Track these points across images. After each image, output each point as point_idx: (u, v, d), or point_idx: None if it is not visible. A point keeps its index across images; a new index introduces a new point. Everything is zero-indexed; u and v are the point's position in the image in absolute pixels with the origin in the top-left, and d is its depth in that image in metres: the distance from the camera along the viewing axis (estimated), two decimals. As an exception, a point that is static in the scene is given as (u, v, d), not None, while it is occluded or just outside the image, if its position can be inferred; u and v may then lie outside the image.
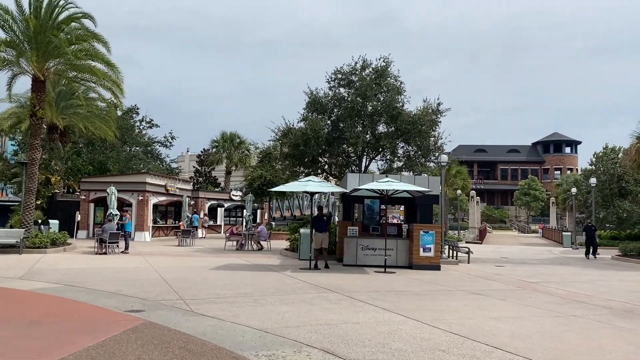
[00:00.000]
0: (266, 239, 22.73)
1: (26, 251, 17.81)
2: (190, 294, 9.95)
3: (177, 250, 22.24)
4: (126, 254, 19.10)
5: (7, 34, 19.65)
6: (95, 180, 31.13)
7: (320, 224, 15.28)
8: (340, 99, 21.92)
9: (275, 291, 10.65)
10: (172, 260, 17.29)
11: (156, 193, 31.03)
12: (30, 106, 20.79)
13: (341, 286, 11.51)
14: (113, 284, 11.05)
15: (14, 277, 11.89)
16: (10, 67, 20.41)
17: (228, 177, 50.69)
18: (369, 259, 16.23)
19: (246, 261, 17.28)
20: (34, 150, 20.69)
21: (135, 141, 44.44)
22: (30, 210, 20.22)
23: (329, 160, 22.90)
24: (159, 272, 13.55)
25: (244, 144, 49.86)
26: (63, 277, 12.11)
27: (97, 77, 21.17)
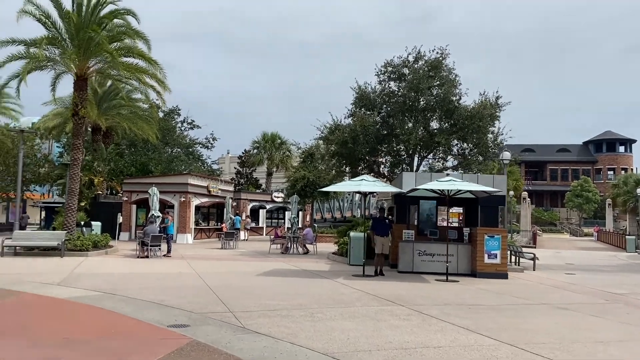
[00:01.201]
0: (312, 242, 21.66)
1: (68, 254, 17.28)
2: (239, 305, 8.93)
3: (221, 253, 21.42)
4: (168, 257, 18.36)
5: (49, 31, 19.26)
6: (137, 181, 30.80)
7: (381, 227, 14.10)
8: (390, 94, 20.63)
9: (332, 302, 9.51)
10: (217, 264, 16.42)
11: (198, 194, 30.45)
12: (72, 105, 20.37)
13: (404, 297, 10.27)
14: (155, 293, 10.15)
15: (52, 282, 11.18)
16: (53, 66, 20.03)
17: (269, 179, 50.03)
18: (427, 266, 14.90)
19: (293, 266, 16.23)
20: (76, 151, 20.25)
21: (176, 142, 44.24)
22: (72, 212, 19.77)
23: (378, 158, 21.63)
24: (203, 278, 12.64)
25: (285, 144, 49.09)
26: (103, 283, 11.32)
27: (139, 74, 20.57)
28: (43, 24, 19.28)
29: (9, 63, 18.82)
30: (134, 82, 21.88)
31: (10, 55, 18.67)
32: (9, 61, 18.71)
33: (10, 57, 18.68)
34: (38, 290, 10.10)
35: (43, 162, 38.60)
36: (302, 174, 32.19)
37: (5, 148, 32.33)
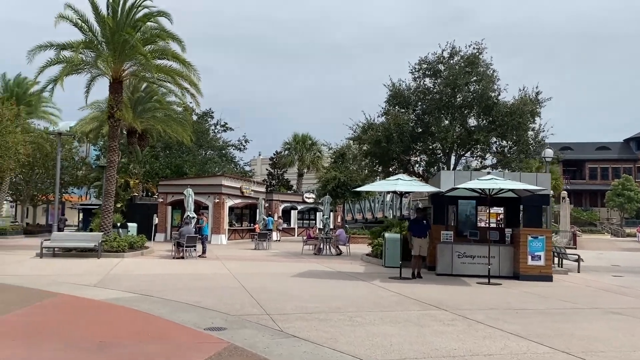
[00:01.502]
0: (345, 243, 21.36)
1: (105, 255, 17.45)
2: (275, 308, 8.71)
3: (254, 254, 21.34)
4: (203, 258, 18.36)
5: (85, 35, 19.52)
6: (172, 183, 31.09)
7: (419, 228, 13.69)
8: (425, 91, 20.15)
9: (371, 306, 9.20)
10: (251, 265, 16.30)
11: (232, 195, 30.54)
12: (108, 108, 20.63)
13: (445, 301, 9.87)
14: (191, 294, 10.03)
15: (88, 284, 11.20)
16: (89, 70, 20.30)
17: (300, 179, 49.98)
18: (467, 268, 14.40)
19: (327, 268, 15.97)
20: (112, 153, 20.49)
21: (210, 145, 44.58)
22: (108, 214, 20.00)
23: (412, 157, 21.15)
24: (238, 279, 12.49)
25: (316, 145, 48.94)
26: (139, 284, 11.29)
27: (173, 76, 20.69)
28: (79, 28, 19.58)
29: (48, 68, 19.17)
30: (168, 84, 22.07)
31: (49, 59, 19.01)
32: (48, 66, 19.05)
33: (49, 62, 19.02)
34: (75, 291, 10.11)
35: (81, 165, 39.44)
36: (333, 174, 31.91)
37: (44, 151, 33.11)
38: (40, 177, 36.07)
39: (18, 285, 10.65)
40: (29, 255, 17.60)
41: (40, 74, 19.22)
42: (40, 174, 35.89)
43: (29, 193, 36.59)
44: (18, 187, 36.16)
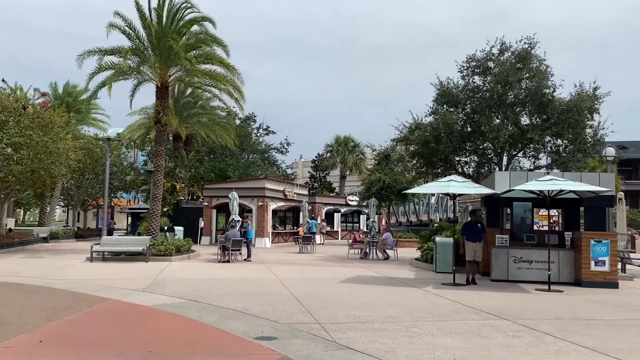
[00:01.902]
0: (392, 247, 20.79)
1: (152, 259, 17.55)
2: (326, 316, 8.35)
3: (299, 258, 21.07)
4: (248, 261, 18.22)
5: (132, 42, 19.79)
6: (216, 186, 31.29)
7: (473, 232, 13.07)
8: (475, 89, 19.42)
9: (427, 315, 8.70)
10: (297, 270, 16.00)
11: (275, 198, 30.46)
12: (155, 113, 20.82)
13: (506, 310, 9.26)
14: (239, 300, 9.79)
15: (137, 289, 11.15)
16: (136, 75, 20.57)
17: (343, 182, 49.56)
18: (524, 274, 13.65)
19: (376, 273, 15.49)
20: (159, 157, 20.67)
21: (252, 148, 44.85)
22: (156, 218, 20.16)
23: (462, 158, 20.44)
24: (285, 284, 12.21)
25: (358, 147, 48.42)
26: (186, 289, 11.16)
27: (218, 81, 20.71)
28: (127, 35, 19.88)
29: (97, 74, 19.53)
30: (213, 89, 22.13)
31: (98, 66, 19.35)
32: (98, 72, 19.40)
33: (98, 68, 19.35)
34: (124, 297, 10.04)
35: (129, 170, 40.30)
36: (377, 176, 31.35)
37: (94, 157, 33.97)
38: (90, 182, 37.04)
39: (69, 290, 10.69)
40: (80, 260, 17.89)
41: (90, 81, 19.59)
42: (90, 179, 36.85)
43: (80, 198, 37.63)
44: (69, 192, 37.25)
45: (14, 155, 20.01)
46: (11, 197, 25.85)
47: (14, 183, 21.52)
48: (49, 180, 23.80)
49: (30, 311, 8.18)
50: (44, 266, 15.65)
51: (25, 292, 10.29)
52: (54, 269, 14.81)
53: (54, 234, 30.01)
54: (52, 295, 9.94)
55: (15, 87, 21.68)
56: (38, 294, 9.97)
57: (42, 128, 21.17)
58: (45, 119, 21.41)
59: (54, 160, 21.89)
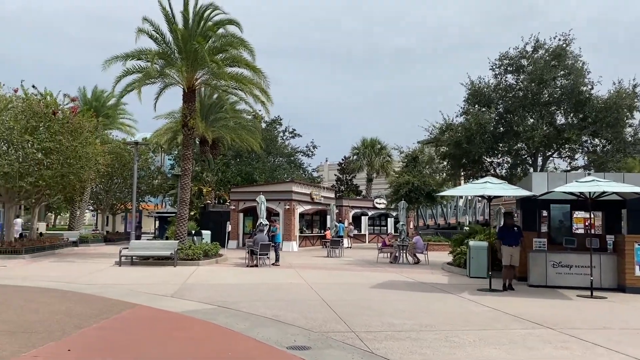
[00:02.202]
0: (423, 251, 20.30)
1: (180, 263, 17.46)
2: (360, 324, 8.02)
3: (328, 262, 20.75)
4: (277, 266, 17.98)
5: (159, 45, 19.81)
6: (243, 190, 31.22)
7: (510, 235, 12.56)
8: (507, 88, 18.82)
9: (465, 323, 8.29)
10: (326, 274, 15.68)
11: (302, 202, 30.22)
12: (182, 117, 20.81)
13: (549, 318, 8.78)
14: (269, 306, 9.53)
15: (165, 294, 10.99)
16: (163, 79, 20.58)
17: (369, 185, 49.09)
18: (563, 279, 13.06)
19: (408, 278, 15.07)
20: (186, 161, 20.63)
21: (278, 151, 44.77)
22: (183, 221, 20.11)
23: (494, 159, 19.83)
24: (316, 290, 11.90)
25: (385, 149, 47.93)
26: (215, 294, 10.96)
27: (244, 84, 20.58)
28: (154, 40, 19.91)
29: (124, 78, 19.62)
30: (239, 93, 21.98)
31: (125, 70, 19.43)
32: (124, 76, 19.48)
33: (125, 72, 19.44)
34: (153, 302, 9.88)
35: (156, 174, 40.61)
36: (406, 178, 30.79)
37: (122, 161, 34.30)
38: (118, 187, 37.45)
39: (98, 295, 10.60)
40: (109, 264, 17.92)
41: (117, 85, 19.70)
42: (118, 184, 37.25)
43: (109, 202, 38.07)
44: (98, 196, 37.70)
45: (44, 160, 20.22)
46: (42, 202, 26.21)
47: (44, 188, 21.77)
48: (79, 185, 24.02)
49: (59, 318, 8.06)
50: (74, 270, 15.68)
51: (54, 297, 10.22)
52: (83, 274, 14.81)
53: (83, 237, 30.35)
54: (81, 300, 9.84)
55: (45, 92, 21.94)
56: (67, 300, 9.88)
57: (72, 133, 21.37)
58: (74, 124, 21.61)
59: (83, 165, 22.07)
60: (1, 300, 9.59)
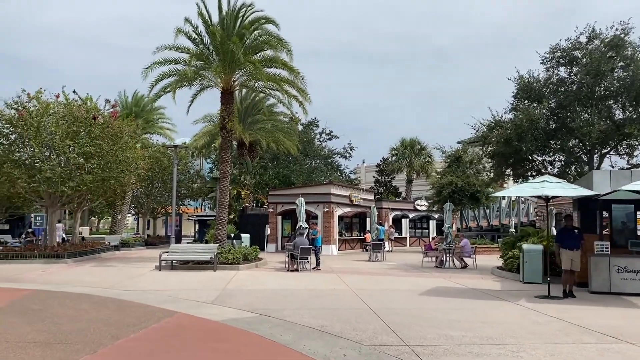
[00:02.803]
0: (470, 255, 19.36)
1: (220, 267, 17.13)
2: (414, 336, 7.37)
3: (370, 266, 20.06)
4: (318, 270, 17.43)
5: (197, 46, 19.61)
6: (282, 192, 30.86)
7: (570, 238, 11.65)
8: (559, 82, 17.73)
9: (530, 336, 7.53)
10: (370, 280, 15.02)
11: (341, 204, 29.62)
12: (220, 119, 20.55)
13: (623, 330, 7.91)
14: (313, 315, 8.97)
15: (206, 301, 10.57)
16: (200, 81, 20.38)
17: (409, 186, 47.99)
18: (629, 285, 12.03)
19: (457, 284, 14.25)
20: (224, 164, 20.35)
21: (315, 154, 44.31)
22: (223, 225, 19.81)
23: (546, 157, 18.72)
24: (361, 297, 11.28)
25: (425, 150, 46.75)
26: (256, 301, 10.48)
27: (282, 85, 20.17)
28: (192, 41, 19.71)
29: (161, 81, 19.51)
30: (277, 93, 21.58)
31: (162, 73, 19.31)
32: (161, 79, 19.38)
33: (162, 75, 19.32)
34: (193, 309, 9.46)
35: (196, 177, 40.82)
36: (449, 179, 29.83)
37: (162, 165, 34.52)
38: (159, 191, 37.75)
39: (137, 301, 10.27)
40: (149, 268, 17.76)
41: (154, 87, 19.60)
42: (159, 188, 37.55)
43: (149, 206, 38.41)
44: (139, 200, 38.09)
45: (85, 164, 20.30)
46: (84, 206, 26.49)
47: (85, 192, 21.89)
48: (119, 189, 24.13)
49: (97, 327, 7.71)
50: (114, 275, 15.54)
51: (93, 303, 9.94)
52: (123, 279, 14.62)
53: (124, 241, 30.59)
54: (119, 308, 9.51)
55: (86, 97, 22.09)
56: (106, 307, 9.58)
57: (112, 137, 21.43)
58: (114, 129, 21.66)
59: (124, 169, 22.10)
60: (40, 308, 9.37)
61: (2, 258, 19.58)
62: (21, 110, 19.86)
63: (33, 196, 21.46)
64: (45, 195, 21.14)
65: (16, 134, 20.22)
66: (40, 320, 8.15)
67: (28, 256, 19.61)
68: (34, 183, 19.80)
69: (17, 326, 7.71)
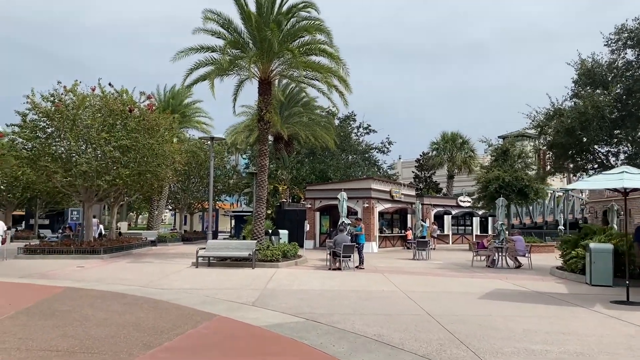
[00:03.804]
0: (525, 253, 17.97)
1: (258, 265, 16.32)
2: (488, 349, 6.32)
3: (416, 265, 18.90)
4: (361, 269, 16.41)
5: (231, 34, 18.82)
6: (319, 188, 29.97)
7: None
8: (626, 66, 16.16)
9: (625, 350, 6.40)
10: (420, 280, 13.89)
11: (381, 199, 28.50)
12: (257, 110, 19.76)
13: None
14: (366, 321, 7.99)
15: (246, 302, 9.72)
16: (237, 71, 19.58)
17: (450, 182, 46.40)
18: None
19: (517, 286, 13.00)
20: (262, 157, 19.54)
21: (352, 148, 43.16)
22: (260, 220, 19.01)
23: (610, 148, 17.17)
24: (414, 300, 10.22)
25: (467, 144, 45.08)
26: (301, 304, 9.56)
27: (322, 73, 19.17)
28: (226, 28, 18.93)
29: (195, 70, 18.81)
30: (316, 83, 20.59)
31: (197, 62, 18.61)
32: (197, 68, 18.68)
33: (197, 64, 18.62)
34: (233, 312, 8.61)
35: (232, 173, 40.36)
36: (496, 173, 28.23)
37: (199, 160, 34.10)
38: (195, 186, 37.42)
39: (172, 302, 9.50)
40: (185, 265, 17.11)
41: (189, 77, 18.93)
42: (195, 183, 37.21)
43: (186, 201, 38.13)
44: (176, 195, 37.85)
45: (121, 158, 19.82)
46: (120, 201, 26.18)
47: (122, 186, 21.46)
48: (156, 184, 23.65)
49: (127, 332, 6.91)
50: (150, 273, 14.90)
51: (127, 304, 9.21)
52: (159, 276, 13.95)
53: (161, 237, 30.27)
54: (154, 309, 8.74)
55: (122, 90, 21.60)
56: (139, 308, 8.82)
57: (148, 130, 20.90)
58: (150, 121, 21.13)
59: (160, 163, 21.57)
60: (69, 308, 8.68)
61: (38, 253, 19.32)
62: (57, 103, 19.50)
63: (69, 190, 21.14)
64: (82, 190, 20.80)
65: (52, 127, 19.88)
66: (67, 324, 7.42)
67: (64, 251, 19.27)
68: (70, 177, 19.44)
69: (41, 330, 6.99)
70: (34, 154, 19.40)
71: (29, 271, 14.78)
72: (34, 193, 33.94)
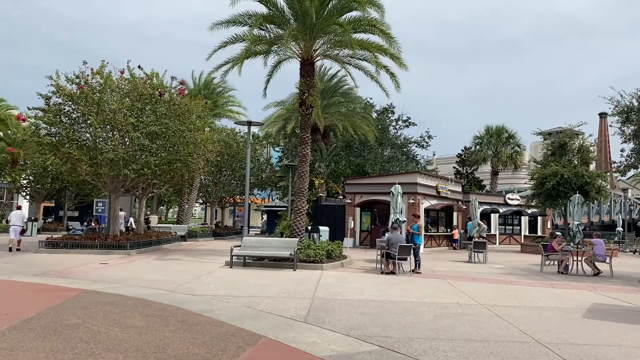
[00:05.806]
0: (605, 259, 15.59)
1: (300, 266, 14.41)
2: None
3: (476, 269, 16.64)
4: (418, 274, 14.33)
5: (269, 9, 16.92)
6: (360, 182, 27.94)
7: None
8: None
9: None
10: (495, 290, 11.69)
11: (427, 195, 26.30)
12: (299, 93, 17.86)
13: None
14: (460, 351, 6.01)
15: (295, 316, 7.81)
16: (276, 50, 17.71)
17: (494, 178, 43.68)
18: None
19: (613, 299, 10.77)
20: (303, 145, 17.67)
21: (391, 142, 40.89)
22: (301, 215, 17.16)
23: None
24: (506, 319, 8.11)
25: (514, 138, 42.30)
26: (365, 321, 7.61)
27: (372, 52, 17.15)
28: (265, 3, 17.04)
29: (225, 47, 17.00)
30: (364, 64, 18.58)
31: (233, 36, 16.83)
32: (231, 43, 16.88)
33: (232, 39, 16.87)
34: (282, 332, 6.71)
35: (265, 166, 38.68)
36: (553, 169, 25.71)
37: (231, 152, 32.44)
38: (227, 179, 35.84)
39: (205, 314, 7.65)
40: (218, 264, 15.36)
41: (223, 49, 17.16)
42: (227, 176, 35.63)
43: (217, 195, 36.59)
44: (207, 189, 36.36)
45: (150, 145, 18.18)
46: (149, 193, 24.63)
47: (150, 177, 19.85)
48: (187, 175, 22.01)
49: (147, 365, 5.06)
50: (179, 272, 13.16)
51: (149, 316, 7.41)
52: (189, 278, 12.17)
53: (192, 231, 28.74)
54: (183, 325, 6.90)
55: (152, 73, 19.94)
56: (165, 323, 6.99)
57: (179, 117, 19.22)
58: (182, 107, 19.45)
59: (191, 152, 19.89)
60: (79, 321, 6.91)
61: (61, 247, 17.87)
62: (81, 85, 17.95)
63: (95, 180, 19.64)
64: (108, 180, 19.28)
65: (78, 112, 18.35)
66: (69, 347, 5.62)
67: (88, 246, 17.78)
68: (95, 165, 17.91)
69: (33, 357, 5.20)
70: (57, 140, 17.90)
71: (46, 268, 13.24)
72: (63, 184, 32.91)
